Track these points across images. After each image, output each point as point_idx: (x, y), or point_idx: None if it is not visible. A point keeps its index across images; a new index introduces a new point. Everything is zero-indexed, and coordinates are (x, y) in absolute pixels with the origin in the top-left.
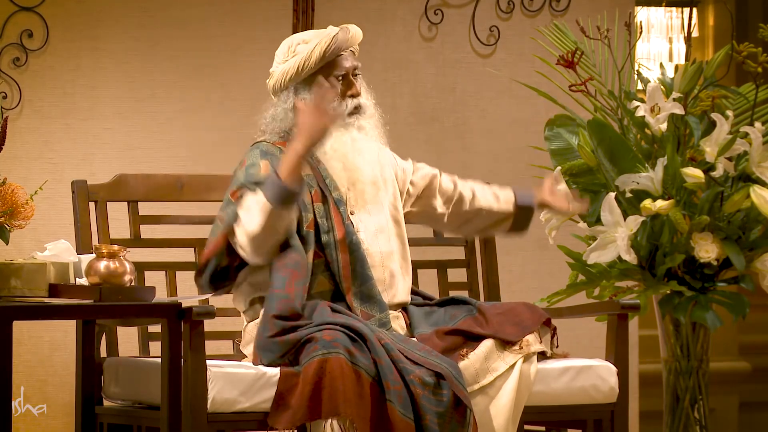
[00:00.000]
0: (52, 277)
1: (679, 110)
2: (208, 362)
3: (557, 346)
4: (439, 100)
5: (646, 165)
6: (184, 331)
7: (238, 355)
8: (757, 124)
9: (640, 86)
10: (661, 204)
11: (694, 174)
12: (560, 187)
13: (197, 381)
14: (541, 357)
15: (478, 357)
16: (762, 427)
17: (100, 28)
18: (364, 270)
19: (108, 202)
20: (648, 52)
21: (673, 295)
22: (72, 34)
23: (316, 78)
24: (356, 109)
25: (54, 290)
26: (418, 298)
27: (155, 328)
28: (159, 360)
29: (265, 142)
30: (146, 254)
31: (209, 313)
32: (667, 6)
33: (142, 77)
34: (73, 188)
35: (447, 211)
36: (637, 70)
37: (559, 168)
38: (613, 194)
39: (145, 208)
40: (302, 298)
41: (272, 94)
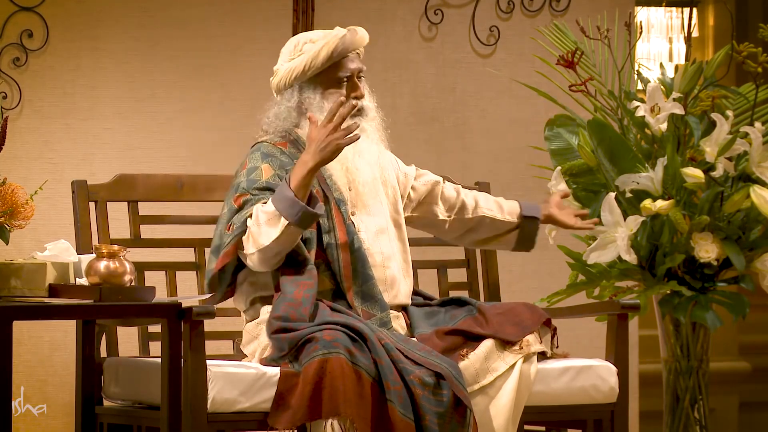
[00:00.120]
0: (52, 277)
1: (679, 110)
2: (208, 362)
3: (557, 346)
4: (439, 100)
5: (646, 165)
6: (184, 331)
7: (238, 355)
8: (757, 124)
9: (640, 86)
10: (661, 204)
11: (694, 174)
12: (561, 187)
13: (197, 381)
14: (541, 357)
15: (478, 357)
16: (762, 427)
17: (100, 28)
18: (365, 270)
19: (108, 202)
20: (648, 52)
21: (673, 295)
22: (72, 34)
23: (327, 89)
24: (359, 111)
25: (54, 290)
26: (418, 299)
27: (155, 328)
28: (159, 360)
29: (266, 143)
30: (146, 254)
31: (209, 313)
32: (667, 6)
33: (142, 77)
34: (73, 188)
35: (448, 219)
36: (637, 70)
37: (559, 168)
38: (613, 194)
39: (145, 208)
40: (311, 306)
41: (276, 92)
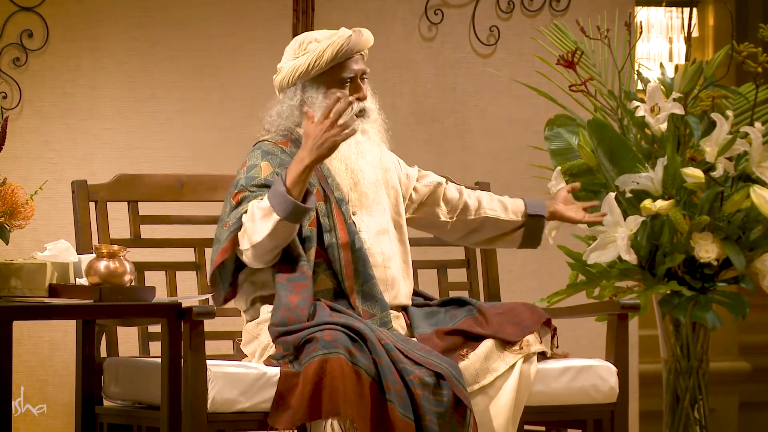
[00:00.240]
0: (52, 277)
1: (679, 110)
2: (208, 362)
3: (557, 347)
4: (439, 100)
5: (646, 165)
6: (184, 331)
7: (238, 355)
8: (757, 124)
9: (640, 86)
10: (661, 204)
11: (694, 174)
12: (561, 187)
13: (197, 381)
14: (541, 357)
15: (478, 357)
16: (762, 427)
17: (100, 28)
18: (365, 269)
19: (108, 202)
20: (648, 52)
21: (673, 295)
22: (72, 34)
23: (330, 89)
24: (361, 113)
25: (54, 290)
26: (418, 299)
27: (155, 328)
28: (159, 360)
29: (267, 142)
30: (146, 254)
31: (209, 313)
32: (667, 6)
33: (142, 77)
34: (73, 188)
35: (451, 220)
36: (637, 70)
37: (559, 168)
38: (613, 194)
39: (145, 208)
40: (308, 306)
41: (278, 90)
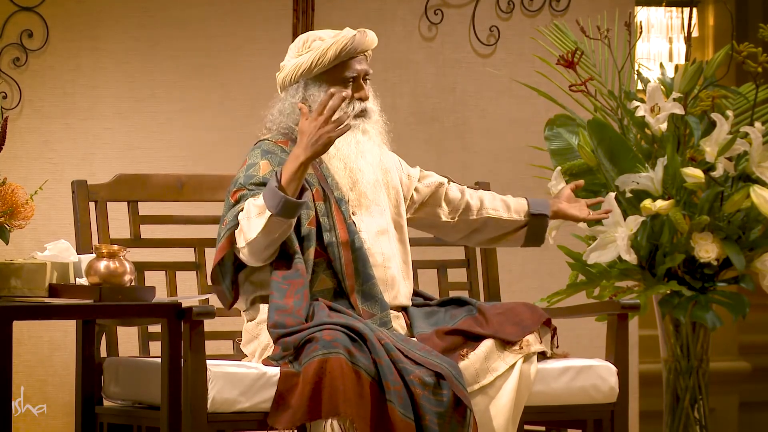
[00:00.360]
0: (52, 277)
1: (679, 110)
2: (208, 362)
3: (557, 346)
4: (439, 100)
5: (646, 165)
6: (184, 331)
7: (238, 355)
8: (757, 124)
9: (640, 86)
10: (661, 204)
11: (694, 174)
12: (561, 187)
13: (197, 381)
14: (541, 357)
15: (478, 357)
16: (762, 427)
17: (100, 28)
18: (365, 269)
19: (108, 202)
20: (648, 52)
21: (673, 295)
22: (72, 34)
23: (332, 88)
24: (362, 113)
25: (54, 290)
26: (418, 299)
27: (155, 328)
28: (159, 360)
29: (267, 141)
30: (146, 254)
31: (209, 313)
32: (667, 6)
33: (142, 77)
34: (73, 188)
35: (452, 220)
36: (637, 70)
37: (559, 168)
38: (613, 194)
39: (145, 208)
40: (305, 306)
41: (280, 88)
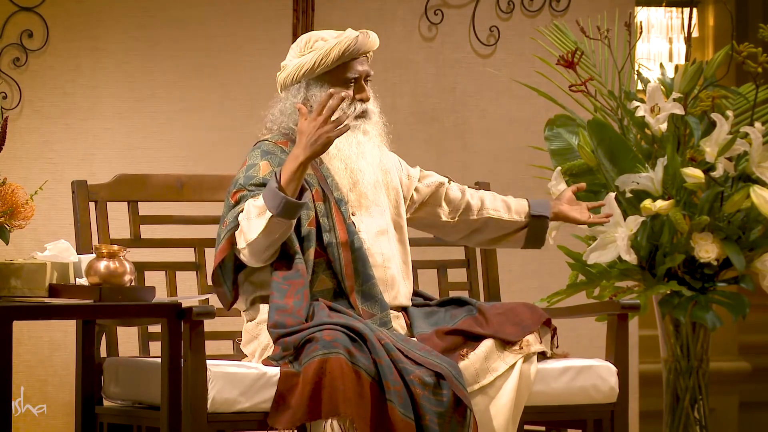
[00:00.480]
0: (52, 277)
1: (679, 110)
2: (208, 362)
3: (557, 346)
4: (439, 100)
5: (646, 165)
6: (184, 331)
7: (238, 355)
8: (757, 124)
9: (640, 86)
10: (661, 204)
11: (694, 174)
12: (560, 187)
13: (197, 381)
14: (541, 357)
15: (478, 357)
16: (762, 427)
17: (100, 28)
18: (365, 269)
19: (108, 202)
20: (648, 52)
21: (673, 295)
22: (72, 34)
23: (333, 88)
24: (363, 114)
25: (54, 290)
26: (418, 299)
27: (155, 328)
28: (159, 360)
29: (267, 141)
30: (146, 254)
31: (209, 313)
32: (667, 6)
33: (142, 77)
34: (73, 188)
35: (452, 220)
36: (637, 70)
37: (559, 168)
38: (613, 194)
39: (145, 208)
40: (305, 306)
41: (281, 88)
